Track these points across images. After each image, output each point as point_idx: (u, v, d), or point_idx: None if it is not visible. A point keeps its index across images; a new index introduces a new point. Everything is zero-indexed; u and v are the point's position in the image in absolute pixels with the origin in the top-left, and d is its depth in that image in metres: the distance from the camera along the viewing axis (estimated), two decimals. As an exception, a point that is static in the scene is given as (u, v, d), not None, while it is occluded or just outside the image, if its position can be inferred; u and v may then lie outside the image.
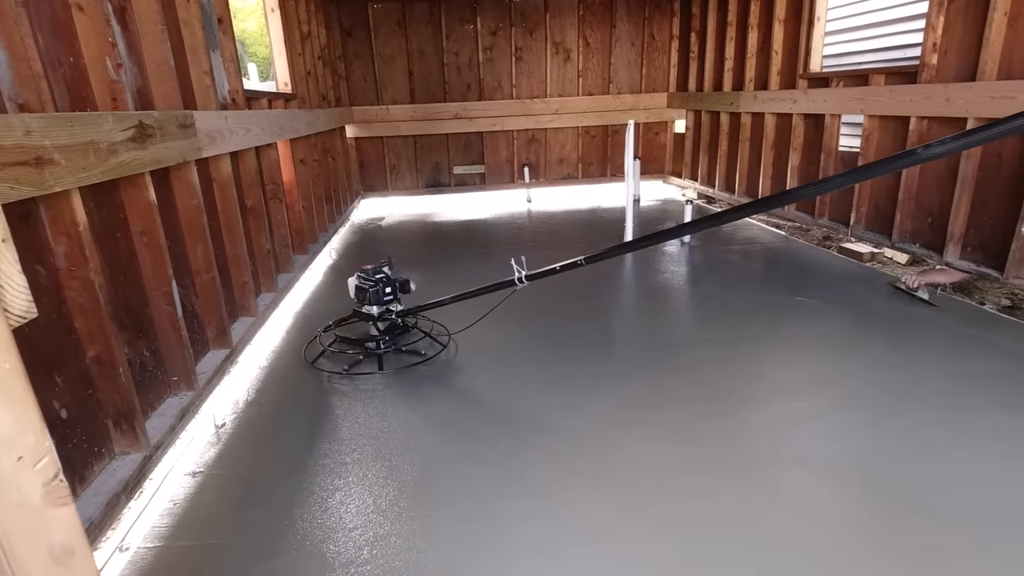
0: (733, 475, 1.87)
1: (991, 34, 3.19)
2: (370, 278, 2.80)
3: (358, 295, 2.85)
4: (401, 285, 2.85)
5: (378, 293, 2.78)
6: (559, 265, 2.42)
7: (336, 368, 2.73)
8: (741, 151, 5.96)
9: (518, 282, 2.52)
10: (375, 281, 2.79)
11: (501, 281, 2.63)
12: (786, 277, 3.89)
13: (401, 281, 2.86)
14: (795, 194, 2.92)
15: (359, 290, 2.84)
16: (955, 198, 3.51)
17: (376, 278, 2.79)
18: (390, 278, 2.83)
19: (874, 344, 2.80)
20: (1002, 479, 1.79)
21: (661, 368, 2.66)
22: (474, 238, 5.43)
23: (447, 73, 7.01)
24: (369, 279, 2.80)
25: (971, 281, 3.40)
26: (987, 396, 2.27)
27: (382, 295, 2.79)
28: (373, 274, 2.81)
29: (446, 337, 3.03)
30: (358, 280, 2.86)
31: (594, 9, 7.04)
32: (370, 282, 2.80)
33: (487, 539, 1.64)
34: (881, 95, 4.02)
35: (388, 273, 2.84)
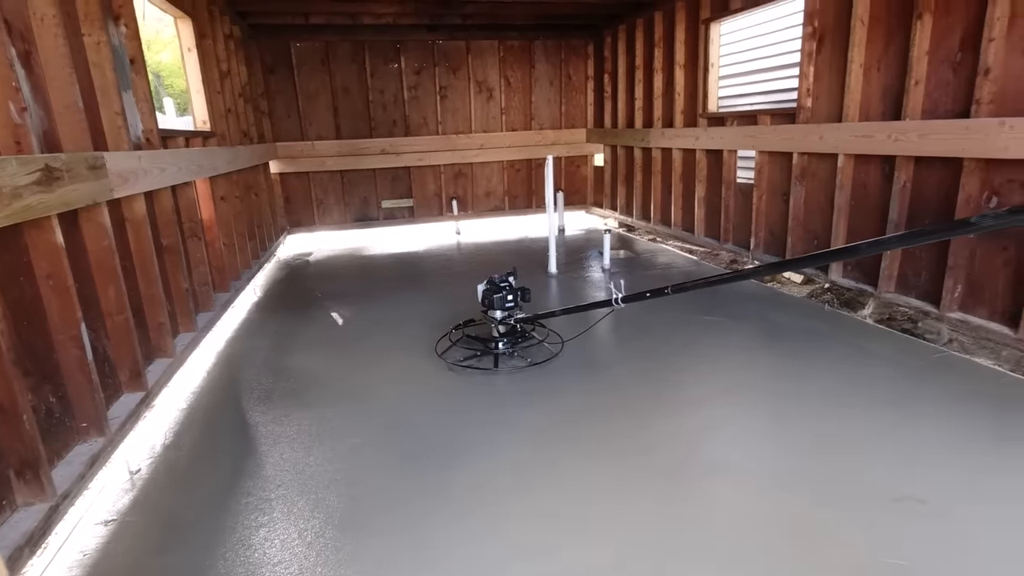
0: (653, 482, 2.03)
1: (851, 82, 3.68)
2: (496, 286, 3.11)
3: (484, 300, 3.13)
4: (522, 294, 3.14)
5: (502, 299, 3.08)
6: (648, 291, 2.76)
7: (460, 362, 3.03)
8: (654, 183, 6.39)
9: (615, 303, 2.83)
10: (499, 288, 3.09)
11: (601, 300, 3.02)
12: (698, 298, 4.19)
13: (522, 290, 3.15)
14: (852, 251, 3.14)
15: (485, 295, 3.12)
16: (834, 223, 3.95)
17: (501, 286, 3.10)
18: (513, 287, 3.12)
19: (773, 356, 3.10)
20: (883, 466, 2.05)
21: (586, 386, 2.81)
22: (406, 270, 5.49)
23: (373, 110, 7.12)
24: (496, 286, 3.11)
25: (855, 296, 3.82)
26: (868, 397, 2.57)
27: (505, 301, 3.09)
28: (499, 284, 3.11)
29: (558, 345, 3.26)
30: (486, 286, 3.15)
31: (513, 51, 7.42)
32: (495, 289, 3.10)
33: (415, 563, 1.69)
34: (768, 133, 4.50)
35: (512, 283, 3.13)
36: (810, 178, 4.19)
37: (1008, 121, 2.78)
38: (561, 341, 3.31)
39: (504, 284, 3.11)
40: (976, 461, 2.06)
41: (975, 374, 2.78)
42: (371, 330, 3.79)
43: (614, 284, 2.84)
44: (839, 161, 3.83)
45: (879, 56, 3.51)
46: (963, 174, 3.04)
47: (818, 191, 4.13)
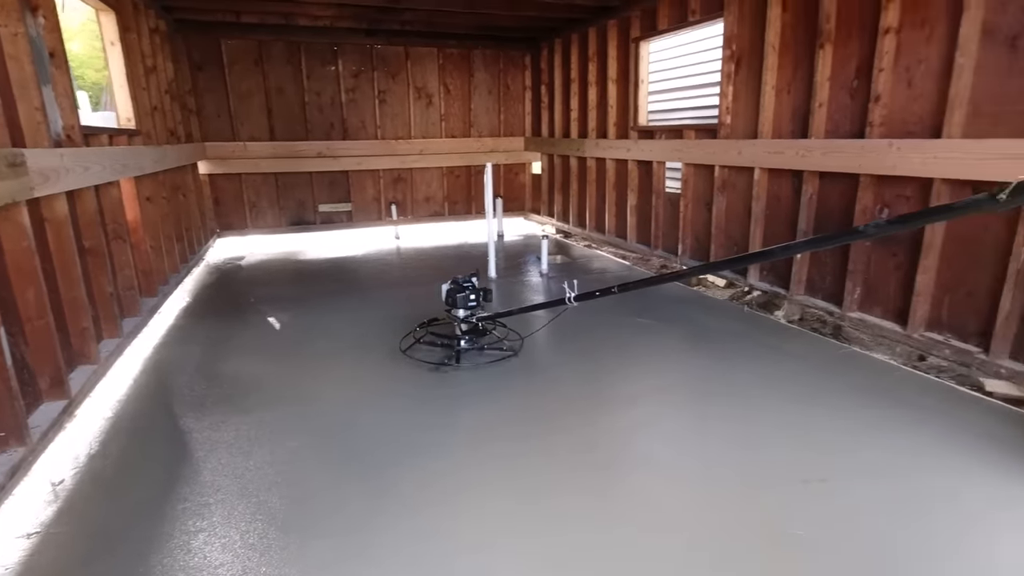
0: (593, 476, 2.15)
1: (764, 102, 4.02)
2: (460, 285, 3.22)
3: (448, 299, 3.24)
4: (484, 294, 3.27)
5: (465, 298, 3.20)
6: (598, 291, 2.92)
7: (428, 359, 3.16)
8: (589, 191, 6.65)
9: (568, 301, 2.96)
10: (463, 288, 3.21)
11: (555, 299, 3.12)
12: (631, 302, 4.41)
13: (484, 290, 3.28)
14: (767, 254, 3.36)
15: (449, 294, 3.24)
16: (751, 231, 4.28)
17: (464, 286, 3.22)
18: (475, 287, 3.24)
19: (699, 356, 3.33)
20: (793, 453, 2.27)
21: (525, 387, 2.92)
22: (344, 275, 5.43)
23: (309, 112, 7.00)
24: (459, 286, 3.22)
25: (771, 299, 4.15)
26: (781, 392, 2.81)
27: (468, 300, 3.21)
28: (463, 284, 3.23)
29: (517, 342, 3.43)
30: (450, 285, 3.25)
31: (453, 59, 7.51)
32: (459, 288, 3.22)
33: (360, 561, 1.73)
34: (693, 147, 4.81)
35: (475, 283, 3.26)
36: (730, 189, 4.52)
37: (896, 142, 3.14)
38: (520, 338, 3.45)
39: (467, 284, 3.25)
40: (870, 446, 2.32)
41: (873, 368, 3.10)
42: (311, 335, 3.74)
43: (567, 284, 3.00)
44: (755, 174, 4.16)
45: (789, 80, 3.86)
46: (859, 188, 3.40)
47: (738, 201, 4.46)
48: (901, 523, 1.84)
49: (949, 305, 3.07)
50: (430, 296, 4.53)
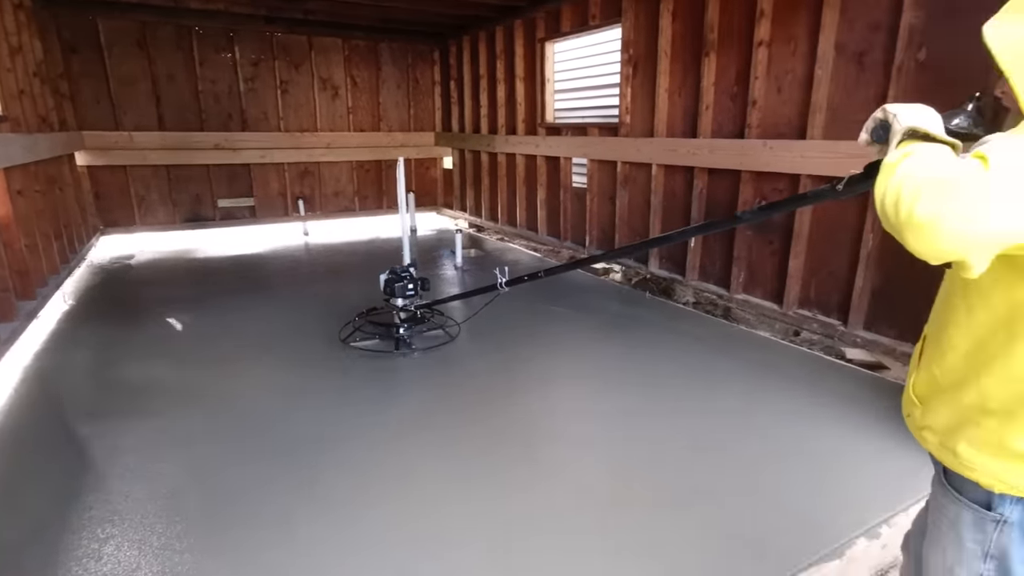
0: (512, 453, 2.28)
1: (659, 104, 4.35)
2: (398, 275, 3.32)
3: (386, 288, 3.33)
4: (422, 283, 3.39)
5: (403, 287, 3.30)
6: (526, 275, 3.05)
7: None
8: (500, 186, 6.80)
9: (500, 287, 3.07)
10: (401, 278, 3.31)
11: (487, 285, 3.19)
12: (546, 291, 4.59)
13: (422, 279, 3.40)
14: (654, 242, 3.78)
15: (387, 284, 3.32)
16: (651, 223, 4.62)
17: (403, 276, 3.32)
18: (413, 276, 3.34)
19: (609, 341, 3.56)
20: (692, 422, 2.52)
21: (443, 379, 3.00)
22: (248, 273, 5.19)
23: (203, 101, 6.58)
24: (397, 276, 3.32)
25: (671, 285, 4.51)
26: (681, 368, 3.10)
27: (406, 290, 3.31)
28: (400, 273, 3.33)
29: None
30: (388, 275, 3.35)
31: (359, 51, 7.35)
32: (397, 278, 3.31)
33: (285, 548, 1.74)
34: (597, 144, 5.09)
35: (412, 273, 3.37)
36: (632, 184, 4.84)
37: (769, 142, 3.54)
38: (458, 324, 3.58)
39: (405, 274, 3.35)
40: (757, 411, 2.64)
41: (757, 344, 3.47)
42: (215, 336, 3.58)
43: (498, 270, 3.12)
44: (653, 170, 4.49)
45: (680, 84, 4.21)
46: (741, 183, 3.79)
47: (638, 195, 4.79)
48: (773, 471, 2.14)
49: (816, 285, 3.52)
50: (343, 292, 4.49)
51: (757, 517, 1.89)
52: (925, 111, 0.92)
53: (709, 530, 1.84)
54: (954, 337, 0.94)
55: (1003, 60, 0.86)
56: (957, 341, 0.94)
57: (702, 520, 1.88)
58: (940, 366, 0.98)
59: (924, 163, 0.79)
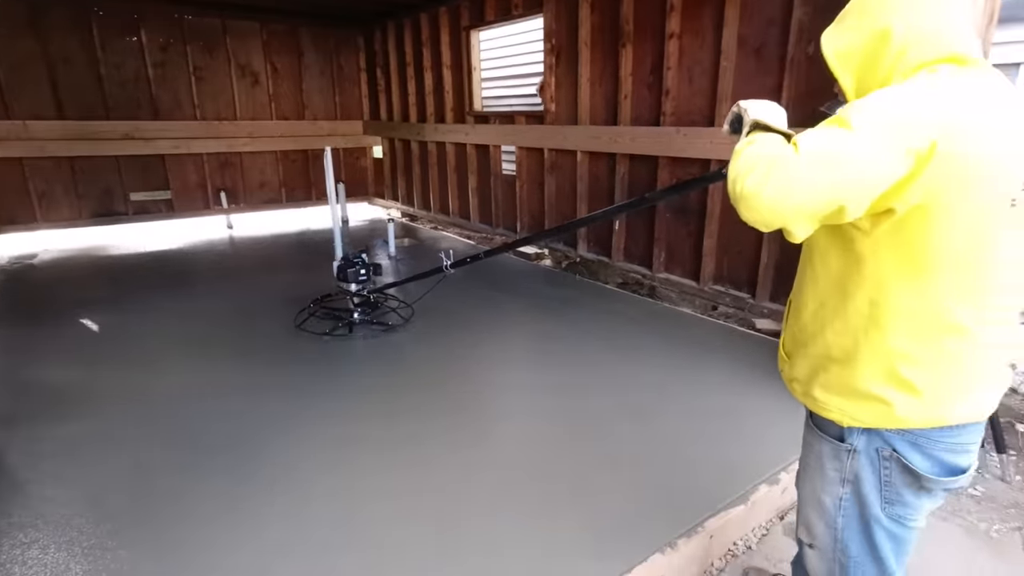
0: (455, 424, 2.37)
1: (581, 93, 4.51)
2: (351, 261, 3.42)
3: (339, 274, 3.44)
4: (374, 269, 3.51)
5: (356, 273, 3.41)
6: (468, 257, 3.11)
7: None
8: (431, 174, 6.81)
9: (445, 269, 3.15)
10: (353, 263, 3.41)
11: (433, 268, 3.26)
12: (480, 276, 4.65)
13: (375, 265, 3.52)
14: (575, 224, 4.02)
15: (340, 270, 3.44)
16: (578, 207, 4.80)
17: (355, 262, 3.42)
18: (365, 262, 3.46)
19: (542, 323, 3.70)
20: (619, 391, 2.70)
21: (389, 368, 3.04)
22: (168, 270, 4.97)
23: (108, 87, 6.15)
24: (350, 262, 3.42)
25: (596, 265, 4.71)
26: (609, 345, 3.27)
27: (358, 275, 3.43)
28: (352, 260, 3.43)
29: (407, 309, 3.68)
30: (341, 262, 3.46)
31: (279, 36, 7.07)
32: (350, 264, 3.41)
33: (227, 541, 1.77)
34: (524, 132, 5.21)
35: (364, 259, 3.49)
36: (559, 170, 5.00)
37: (683, 130, 3.77)
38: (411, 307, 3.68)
39: (357, 260, 3.46)
40: (678, 381, 2.86)
41: (679, 320, 3.71)
42: (137, 335, 3.43)
43: (443, 253, 3.21)
44: (578, 157, 4.66)
45: (600, 73, 4.38)
46: (659, 168, 4.02)
47: (565, 181, 4.95)
48: (689, 431, 2.35)
49: (727, 262, 3.81)
50: (274, 285, 4.40)
51: (676, 472, 2.09)
52: (770, 107, 1.11)
53: (632, 485, 2.01)
54: (806, 298, 1.12)
55: (831, 63, 1.05)
56: (808, 301, 1.12)
57: (627, 476, 2.05)
58: (798, 324, 1.16)
59: (758, 148, 0.95)
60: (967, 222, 0.91)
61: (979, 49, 1.00)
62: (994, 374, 1.04)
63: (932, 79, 0.93)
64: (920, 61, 0.97)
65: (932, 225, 0.91)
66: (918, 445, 1.04)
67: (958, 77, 0.93)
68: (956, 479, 1.06)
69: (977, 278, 0.95)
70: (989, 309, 0.97)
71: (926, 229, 0.92)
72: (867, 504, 1.12)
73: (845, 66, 1.07)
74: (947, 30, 0.98)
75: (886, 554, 1.15)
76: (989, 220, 0.92)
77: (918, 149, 0.86)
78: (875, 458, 1.09)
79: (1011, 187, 0.90)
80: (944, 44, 0.97)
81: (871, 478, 1.10)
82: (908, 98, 0.91)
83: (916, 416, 1.02)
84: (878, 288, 0.99)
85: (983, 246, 0.93)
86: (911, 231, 0.92)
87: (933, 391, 1.00)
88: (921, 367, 0.99)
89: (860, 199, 0.88)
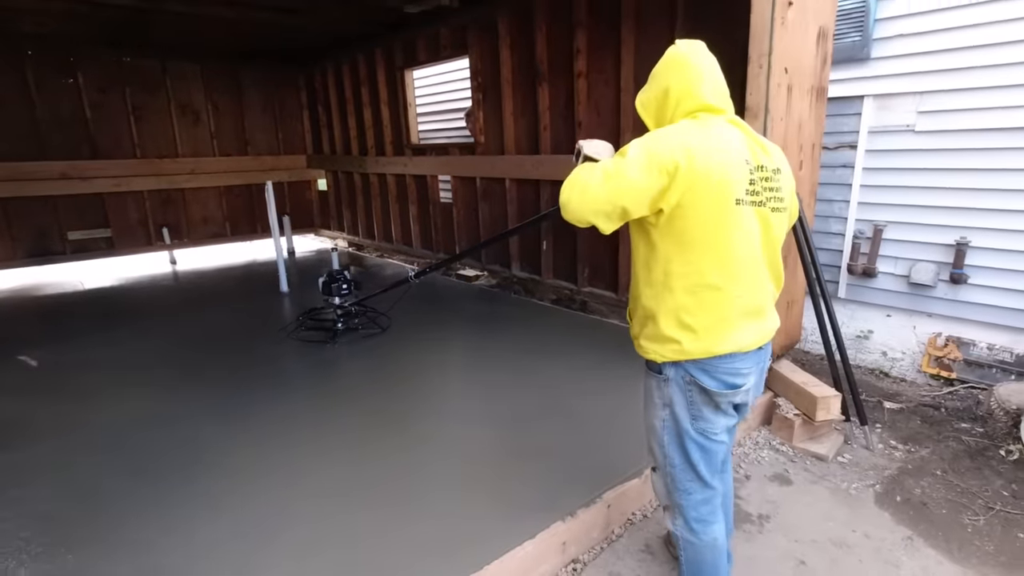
0: (398, 433, 2.61)
1: (506, 126, 4.91)
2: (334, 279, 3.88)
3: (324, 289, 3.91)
4: (356, 284, 3.98)
5: (339, 287, 3.89)
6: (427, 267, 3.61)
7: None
8: (374, 205, 7.07)
9: (411, 279, 3.52)
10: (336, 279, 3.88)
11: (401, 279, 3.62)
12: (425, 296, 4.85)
13: (356, 281, 3.99)
14: (490, 242, 4.81)
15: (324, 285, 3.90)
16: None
17: (338, 278, 3.89)
18: (347, 278, 3.92)
19: (477, 336, 4.00)
20: (549, 396, 3.00)
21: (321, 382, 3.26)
22: (110, 307, 5.01)
23: (44, 129, 6.17)
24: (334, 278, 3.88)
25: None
26: (543, 355, 3.58)
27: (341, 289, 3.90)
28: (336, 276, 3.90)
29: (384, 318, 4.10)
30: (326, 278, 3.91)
31: (219, 75, 7.22)
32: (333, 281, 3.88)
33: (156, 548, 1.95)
34: (458, 162, 5.57)
35: (347, 275, 3.94)
36: (491, 196, 5.36)
37: (595, 157, 4.18)
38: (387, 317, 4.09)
39: (340, 276, 3.91)
40: (590, 379, 3.19)
41: (607, 330, 4.05)
42: (78, 368, 3.52)
43: (410, 268, 3.56)
44: (507, 183, 5.04)
45: (521, 108, 4.79)
46: (577, 192, 4.40)
47: (497, 206, 5.31)
48: (600, 420, 2.68)
49: (641, 274, 4.20)
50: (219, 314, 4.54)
51: (588, 454, 2.41)
52: (599, 145, 1.56)
53: (546, 468, 2.31)
54: (634, 278, 1.54)
55: (639, 110, 1.56)
56: (634, 274, 1.54)
57: (542, 463, 2.35)
58: (631, 293, 1.58)
59: (578, 173, 1.41)
60: (708, 215, 1.35)
61: (726, 102, 1.48)
62: (745, 317, 1.44)
63: (687, 123, 1.41)
64: (688, 109, 1.45)
65: (687, 218, 1.35)
66: (706, 370, 1.45)
67: (704, 122, 1.41)
68: (735, 391, 1.47)
69: (720, 252, 1.37)
70: (729, 272, 1.39)
71: (684, 220, 1.35)
72: (679, 420, 1.52)
73: (646, 112, 1.55)
74: (702, 91, 1.44)
75: (697, 460, 1.54)
76: (723, 213, 1.35)
77: (668, 169, 1.31)
78: (681, 384, 1.48)
79: (734, 191, 1.35)
80: (700, 98, 1.44)
81: (681, 400, 1.50)
82: (663, 137, 1.37)
83: (697, 349, 1.42)
84: (666, 262, 1.41)
85: (721, 230, 1.36)
86: (677, 222, 1.36)
87: (705, 331, 1.41)
88: (695, 315, 1.41)
89: (635, 202, 1.35)
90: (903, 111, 3.39)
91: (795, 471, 2.63)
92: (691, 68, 1.45)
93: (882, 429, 3.06)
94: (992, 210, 3.17)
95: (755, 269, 1.44)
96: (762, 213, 1.41)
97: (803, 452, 2.78)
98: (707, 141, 1.35)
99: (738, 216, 1.36)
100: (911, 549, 2.12)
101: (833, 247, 3.80)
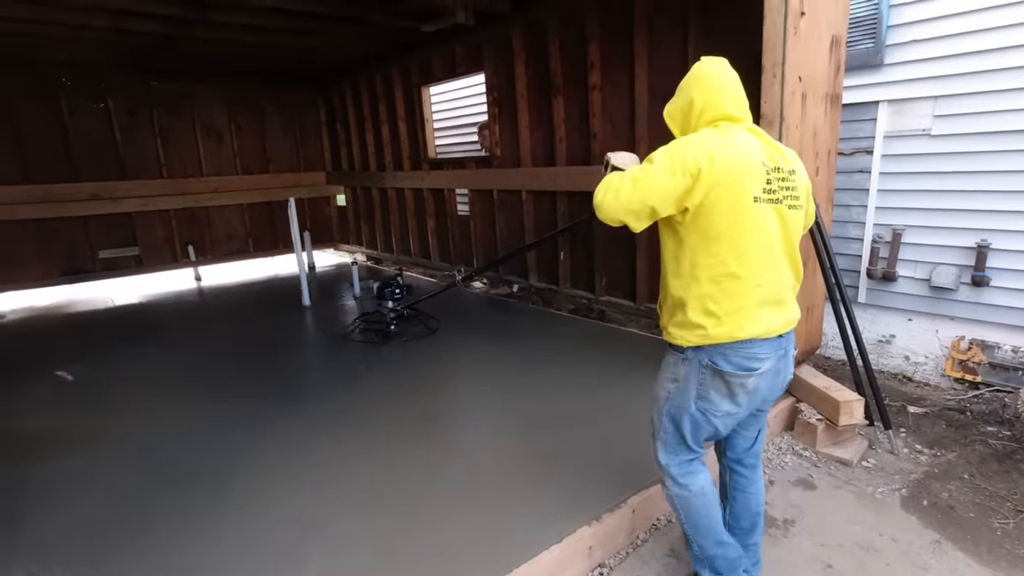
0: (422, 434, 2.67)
1: (522, 139, 4.99)
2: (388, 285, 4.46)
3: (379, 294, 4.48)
4: (407, 289, 4.54)
5: (391, 292, 4.42)
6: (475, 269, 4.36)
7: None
8: (392, 219, 7.19)
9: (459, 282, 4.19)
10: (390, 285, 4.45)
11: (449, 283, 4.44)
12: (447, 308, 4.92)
13: (408, 286, 4.57)
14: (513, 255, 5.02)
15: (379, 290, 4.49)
16: (526, 242, 5.20)
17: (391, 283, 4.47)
18: (400, 285, 4.51)
19: (498, 344, 4.06)
20: (565, 400, 3.04)
21: (343, 386, 3.33)
22: (141, 322, 5.17)
23: (76, 152, 6.41)
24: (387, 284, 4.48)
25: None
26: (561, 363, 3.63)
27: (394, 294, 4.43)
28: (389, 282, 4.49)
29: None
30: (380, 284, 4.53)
31: (241, 97, 7.45)
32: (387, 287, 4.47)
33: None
34: (474, 176, 5.66)
35: (399, 282, 4.54)
36: (507, 208, 5.43)
37: (610, 167, 4.25)
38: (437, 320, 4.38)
39: (393, 282, 4.46)
40: (620, 387, 3.22)
41: (626, 338, 4.09)
42: (111, 384, 3.63)
43: (456, 269, 3.79)
44: (523, 196, 5.11)
45: (537, 121, 4.88)
46: (594, 202, 4.46)
47: (513, 218, 5.38)
48: (622, 427, 2.71)
49: (657, 282, 4.22)
50: (247, 329, 4.65)
51: (612, 460, 2.44)
52: (626, 156, 1.75)
53: (572, 470, 2.34)
54: (664, 271, 1.66)
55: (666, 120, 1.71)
56: (664, 273, 1.65)
57: (568, 463, 2.38)
58: (661, 286, 1.69)
59: (609, 180, 1.57)
60: (729, 211, 1.48)
61: (744, 112, 1.61)
62: (765, 306, 1.55)
63: (709, 131, 1.55)
64: (710, 119, 1.58)
65: (711, 215, 1.49)
66: (724, 355, 1.56)
67: (724, 130, 1.54)
68: (749, 374, 1.57)
69: (740, 244, 1.51)
70: (749, 262, 1.51)
71: (708, 217, 1.49)
72: (685, 397, 1.65)
73: (673, 122, 1.70)
74: (723, 102, 1.58)
75: (687, 432, 1.69)
76: (742, 210, 1.49)
77: (692, 171, 1.45)
78: (697, 367, 1.61)
79: (752, 190, 1.49)
80: (721, 109, 1.57)
81: (693, 380, 1.62)
82: (687, 144, 1.51)
83: (720, 334, 1.54)
84: (692, 255, 1.55)
85: (741, 225, 1.49)
86: (701, 219, 1.50)
87: (727, 316, 1.53)
88: (719, 302, 1.53)
89: (662, 202, 1.51)
90: (919, 115, 3.40)
91: (819, 476, 2.63)
92: (714, 82, 1.59)
93: (906, 433, 3.04)
94: (1013, 212, 3.16)
95: (774, 260, 1.56)
96: (779, 210, 1.53)
97: (826, 457, 2.78)
98: (727, 146, 1.49)
99: (757, 212, 1.50)
100: (939, 552, 2.12)
101: (852, 252, 3.80)
